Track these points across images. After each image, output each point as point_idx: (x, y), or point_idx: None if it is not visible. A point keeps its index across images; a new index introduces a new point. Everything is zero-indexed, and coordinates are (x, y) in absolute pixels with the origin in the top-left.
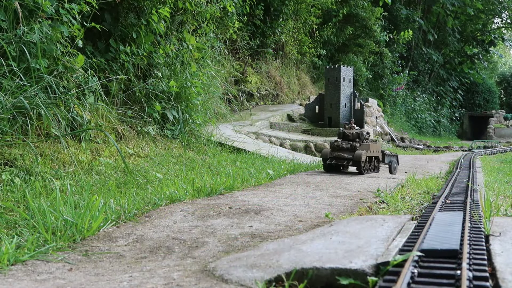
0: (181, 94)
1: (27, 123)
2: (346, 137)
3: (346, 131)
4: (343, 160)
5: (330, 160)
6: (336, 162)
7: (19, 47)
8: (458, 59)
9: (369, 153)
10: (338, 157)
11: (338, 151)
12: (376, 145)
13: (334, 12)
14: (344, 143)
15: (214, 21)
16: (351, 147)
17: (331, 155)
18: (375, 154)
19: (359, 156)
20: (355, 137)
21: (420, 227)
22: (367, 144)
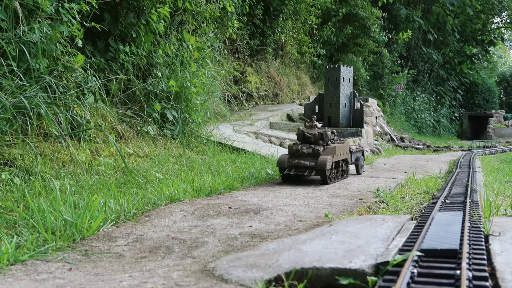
0: (181, 94)
1: (27, 123)
2: (306, 140)
3: (306, 132)
4: (304, 169)
5: (289, 170)
6: (295, 172)
7: (19, 47)
8: (458, 59)
9: (336, 157)
10: (298, 165)
11: (298, 157)
12: (343, 146)
13: (334, 12)
14: (305, 148)
15: (213, 20)
16: (313, 152)
17: (289, 163)
18: (343, 157)
19: (323, 164)
20: (318, 138)
21: (419, 227)
22: (333, 146)
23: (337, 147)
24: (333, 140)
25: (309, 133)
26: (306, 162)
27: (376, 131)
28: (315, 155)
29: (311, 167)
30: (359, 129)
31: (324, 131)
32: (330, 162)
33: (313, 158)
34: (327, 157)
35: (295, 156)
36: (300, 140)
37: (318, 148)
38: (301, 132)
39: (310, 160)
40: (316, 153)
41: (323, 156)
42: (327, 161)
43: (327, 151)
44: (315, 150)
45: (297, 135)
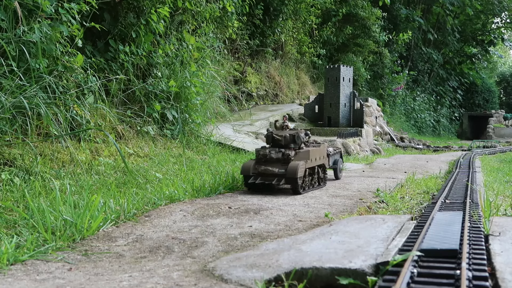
0: (181, 94)
1: (26, 123)
2: (276, 143)
3: (276, 134)
4: (273, 177)
5: (254, 178)
6: (262, 180)
7: (19, 46)
8: (458, 59)
9: (310, 162)
10: (265, 173)
11: (266, 163)
12: (319, 149)
13: (334, 12)
14: (274, 152)
15: (213, 20)
16: (283, 156)
17: (255, 170)
18: (319, 162)
19: (294, 171)
20: (289, 141)
21: (419, 227)
22: (306, 150)
23: (311, 150)
24: (308, 143)
25: (278, 135)
26: (274, 169)
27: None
28: (285, 161)
29: (280, 175)
30: (359, 129)
31: (296, 132)
32: (302, 169)
33: (282, 164)
34: (299, 162)
35: (262, 162)
36: (269, 143)
37: (288, 153)
38: (270, 134)
39: (279, 166)
40: (286, 158)
41: (294, 161)
42: (298, 168)
43: (300, 155)
44: (285, 154)
45: (266, 137)
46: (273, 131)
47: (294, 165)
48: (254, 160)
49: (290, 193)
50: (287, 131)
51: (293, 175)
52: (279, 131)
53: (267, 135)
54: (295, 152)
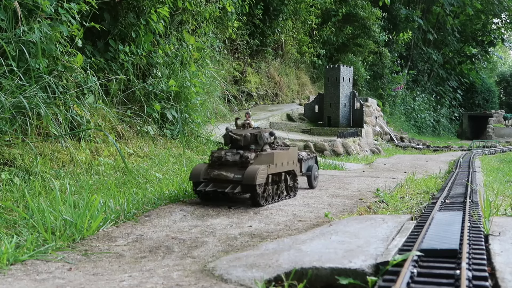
0: (181, 94)
1: (26, 123)
2: (234, 143)
3: (234, 134)
4: (227, 184)
5: (205, 185)
6: (214, 187)
7: (19, 46)
8: (458, 59)
9: (274, 167)
10: (218, 178)
11: (220, 167)
12: (288, 153)
13: (334, 12)
14: (230, 154)
15: (213, 20)
16: (241, 160)
17: (206, 175)
18: (288, 168)
19: (251, 177)
20: (250, 141)
21: (419, 227)
22: (270, 153)
23: (276, 154)
24: (274, 145)
25: (237, 135)
26: (229, 174)
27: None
28: (243, 164)
29: (235, 181)
30: (359, 129)
31: (259, 131)
32: (263, 174)
33: (240, 169)
34: (260, 167)
35: (216, 166)
36: (227, 144)
37: (247, 155)
38: (228, 133)
39: (235, 171)
40: (244, 161)
41: (254, 165)
42: (258, 173)
43: (261, 159)
44: (244, 157)
45: (224, 137)
46: (231, 130)
47: (253, 169)
48: (207, 164)
49: None
50: (248, 130)
51: (250, 181)
52: (239, 130)
53: (225, 134)
54: (255, 155)
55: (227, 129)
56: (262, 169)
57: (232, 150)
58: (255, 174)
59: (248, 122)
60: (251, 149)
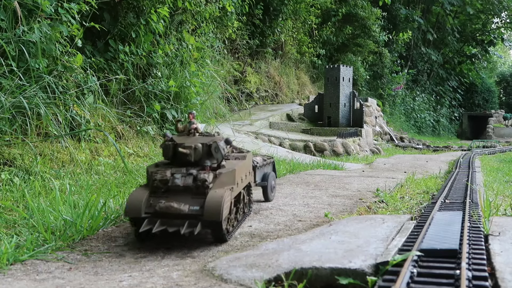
0: (181, 94)
1: (26, 123)
2: (180, 159)
3: (181, 146)
4: (181, 220)
5: (150, 223)
6: (163, 226)
7: (19, 46)
8: (458, 59)
9: (236, 187)
10: (167, 212)
11: (167, 196)
12: (245, 163)
13: (333, 12)
14: (179, 176)
15: (213, 20)
16: (196, 184)
17: (149, 208)
18: (246, 182)
19: (215, 211)
20: (203, 155)
21: (419, 227)
22: (230, 170)
23: (238, 169)
24: (229, 155)
25: (185, 148)
26: (182, 206)
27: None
28: (199, 190)
29: (193, 216)
30: (358, 129)
31: (215, 142)
32: (228, 203)
33: (194, 196)
34: (223, 193)
35: (162, 193)
36: (168, 158)
37: (204, 177)
38: (170, 143)
39: (189, 200)
40: (201, 185)
41: (214, 191)
42: (223, 203)
43: (222, 179)
44: (200, 180)
45: (163, 149)
46: (173, 137)
47: (215, 198)
48: (146, 190)
49: (290, 193)
50: (197, 138)
51: (215, 216)
52: (185, 138)
53: (165, 145)
54: (214, 175)
55: (165, 136)
56: (227, 196)
57: (181, 170)
58: (219, 205)
59: (195, 126)
60: (206, 166)
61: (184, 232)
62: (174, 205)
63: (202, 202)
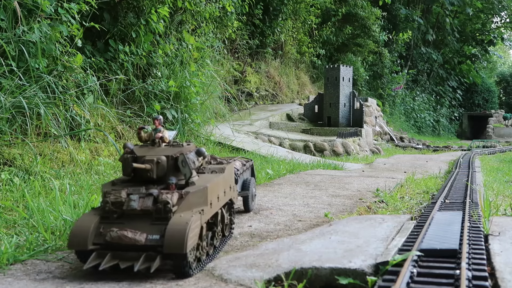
0: (180, 94)
1: (26, 123)
2: (142, 176)
3: (140, 160)
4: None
5: (98, 256)
6: (113, 261)
7: (18, 46)
8: (457, 58)
9: (208, 211)
10: (120, 243)
11: (121, 221)
12: (224, 177)
13: (333, 12)
14: (136, 196)
15: (213, 20)
16: (156, 206)
17: (98, 238)
18: (225, 200)
19: (178, 241)
20: (167, 170)
21: (419, 227)
22: (202, 188)
23: (211, 187)
24: (202, 168)
25: (145, 160)
26: (138, 236)
27: (376, 131)
28: (161, 214)
29: (151, 247)
30: (358, 129)
31: (180, 151)
32: (195, 230)
33: (155, 222)
34: (189, 218)
35: (115, 218)
36: (127, 174)
37: (166, 198)
38: (128, 155)
39: (147, 227)
40: (162, 209)
41: (179, 216)
42: (188, 231)
43: (189, 200)
44: (161, 202)
45: (122, 163)
46: (135, 150)
47: (179, 225)
48: (97, 214)
49: (290, 193)
50: (162, 149)
51: (177, 248)
52: (147, 150)
53: (125, 158)
54: (179, 195)
55: (126, 147)
56: (194, 222)
57: (139, 189)
58: (184, 234)
59: (161, 135)
60: (170, 184)
61: (138, 269)
62: (128, 234)
63: (163, 230)
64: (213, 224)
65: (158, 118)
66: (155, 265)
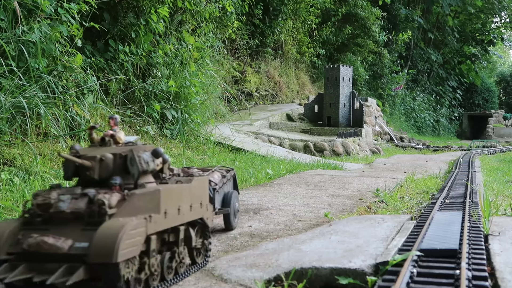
0: (180, 94)
1: (26, 123)
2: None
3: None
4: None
5: (7, 269)
6: (26, 274)
7: (18, 46)
8: (457, 59)
9: (160, 220)
10: (38, 253)
11: (47, 228)
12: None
13: (333, 12)
14: (67, 197)
15: (213, 20)
16: (89, 209)
17: (15, 246)
18: (192, 216)
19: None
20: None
21: (419, 227)
22: (153, 190)
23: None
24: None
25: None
26: (61, 243)
27: (376, 131)
28: (93, 218)
29: (76, 256)
30: (358, 129)
31: (130, 150)
32: (135, 238)
33: (87, 229)
34: (129, 221)
35: (40, 225)
36: (67, 177)
37: (102, 199)
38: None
39: (77, 234)
40: (96, 211)
41: (117, 219)
42: (121, 236)
43: (134, 203)
44: (96, 202)
45: (63, 164)
46: (80, 150)
47: (112, 229)
48: (19, 220)
49: (290, 193)
50: (109, 149)
51: (105, 256)
52: (94, 149)
53: (67, 159)
54: (121, 197)
55: (72, 149)
56: (134, 226)
57: (74, 189)
58: (115, 239)
59: (113, 133)
60: (114, 185)
61: (52, 282)
62: (48, 240)
63: (92, 236)
64: (174, 244)
65: (114, 117)
66: (74, 277)
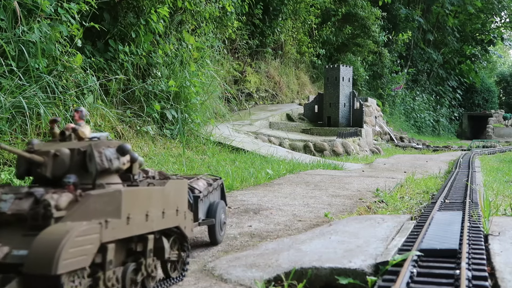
0: (180, 94)
1: (26, 123)
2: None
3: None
4: None
5: None
6: None
7: (18, 46)
8: (457, 58)
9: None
10: None
11: None
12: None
13: (333, 12)
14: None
15: (213, 20)
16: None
17: None
18: (164, 224)
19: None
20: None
21: (419, 227)
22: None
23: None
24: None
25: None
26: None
27: (376, 131)
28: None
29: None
30: (358, 128)
31: (89, 145)
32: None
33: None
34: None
35: None
36: (19, 175)
37: (49, 199)
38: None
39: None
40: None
41: (64, 223)
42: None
43: (89, 204)
44: (43, 204)
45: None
46: (37, 145)
47: (53, 236)
48: None
49: (290, 193)
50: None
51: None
52: (52, 144)
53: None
54: (73, 197)
55: (29, 145)
56: (82, 232)
57: (19, 188)
58: (55, 247)
59: (72, 127)
60: (67, 184)
61: None
62: None
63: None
64: (140, 254)
65: (79, 110)
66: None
